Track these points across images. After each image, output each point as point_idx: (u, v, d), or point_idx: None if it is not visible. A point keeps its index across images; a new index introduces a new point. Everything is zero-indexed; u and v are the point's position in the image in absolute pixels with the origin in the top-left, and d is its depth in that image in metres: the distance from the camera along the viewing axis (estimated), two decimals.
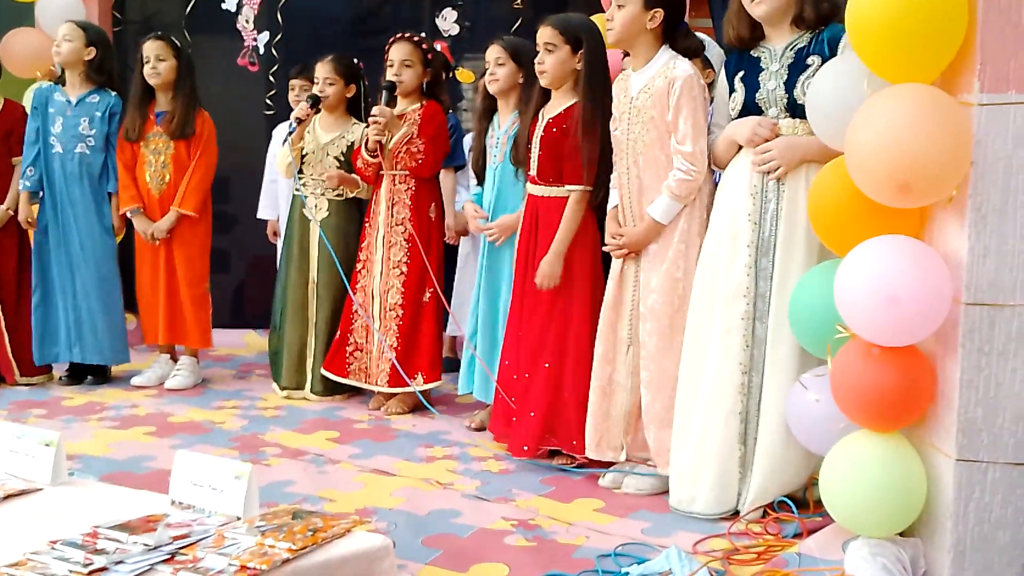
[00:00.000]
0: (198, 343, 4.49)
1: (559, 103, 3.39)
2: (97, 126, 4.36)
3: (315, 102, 4.11)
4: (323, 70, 4.17)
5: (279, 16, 5.43)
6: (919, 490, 2.27)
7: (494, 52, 3.71)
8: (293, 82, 4.87)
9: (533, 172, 3.42)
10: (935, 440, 2.28)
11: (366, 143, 3.95)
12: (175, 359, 4.55)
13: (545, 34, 3.34)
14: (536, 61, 3.37)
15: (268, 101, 5.45)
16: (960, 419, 2.18)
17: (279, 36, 5.44)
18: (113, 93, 4.43)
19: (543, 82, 3.38)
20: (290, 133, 4.09)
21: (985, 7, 2.07)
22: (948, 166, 2.08)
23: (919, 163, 2.05)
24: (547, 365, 3.34)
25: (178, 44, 4.38)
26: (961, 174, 2.11)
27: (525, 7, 5.50)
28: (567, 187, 3.33)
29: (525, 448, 3.31)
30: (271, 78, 5.45)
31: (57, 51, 4.35)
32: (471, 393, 3.89)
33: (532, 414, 3.32)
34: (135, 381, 4.43)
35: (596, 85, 3.30)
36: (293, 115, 4.10)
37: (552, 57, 3.32)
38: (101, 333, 4.39)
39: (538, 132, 3.40)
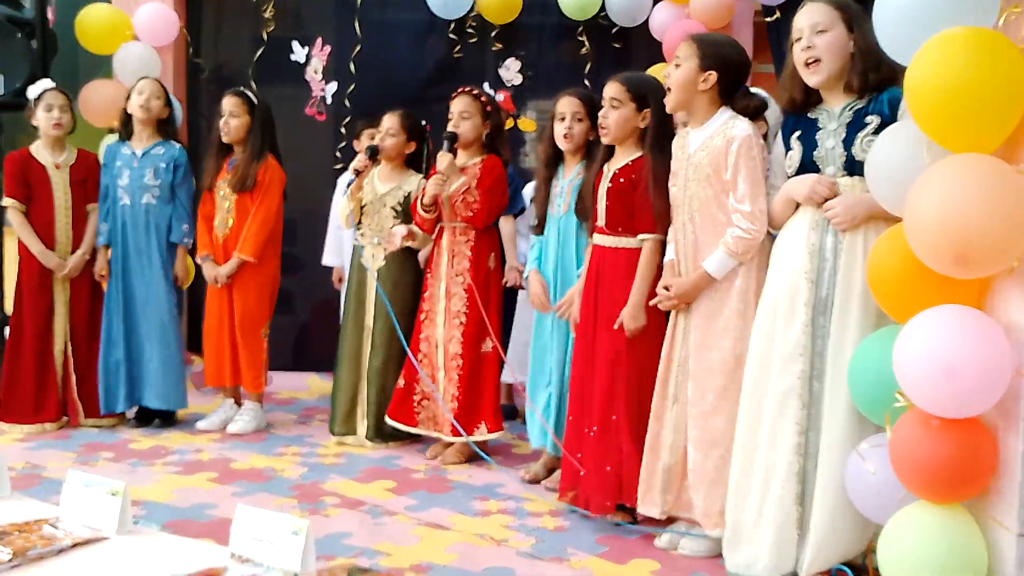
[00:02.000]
0: (250, 386, 4.58)
1: (624, 156, 3.41)
2: (162, 176, 4.53)
3: (373, 153, 4.21)
4: (388, 121, 4.29)
5: (352, 67, 5.57)
6: (980, 565, 2.21)
7: (571, 106, 3.71)
8: (363, 133, 5.00)
9: (601, 223, 3.44)
10: (996, 514, 2.23)
11: (422, 197, 4.02)
12: (239, 403, 4.65)
13: (612, 90, 3.38)
14: (600, 115, 3.40)
15: (337, 153, 5.58)
16: (1022, 493, 2.14)
17: (352, 87, 5.58)
18: (177, 145, 4.60)
19: (604, 138, 3.42)
20: (349, 184, 4.19)
21: None
22: (1008, 237, 2.05)
23: (978, 235, 2.03)
24: (614, 418, 3.32)
25: (254, 100, 4.52)
26: (1021, 246, 2.08)
27: (589, 55, 5.58)
28: (640, 236, 3.33)
29: (607, 504, 3.26)
30: (342, 129, 5.59)
31: (146, 108, 4.50)
32: (544, 447, 3.87)
33: (608, 468, 3.28)
34: (200, 425, 4.54)
35: (663, 140, 3.31)
36: (352, 166, 4.21)
37: (616, 113, 3.36)
38: (161, 379, 4.53)
39: (604, 184, 3.42)
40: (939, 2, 2.14)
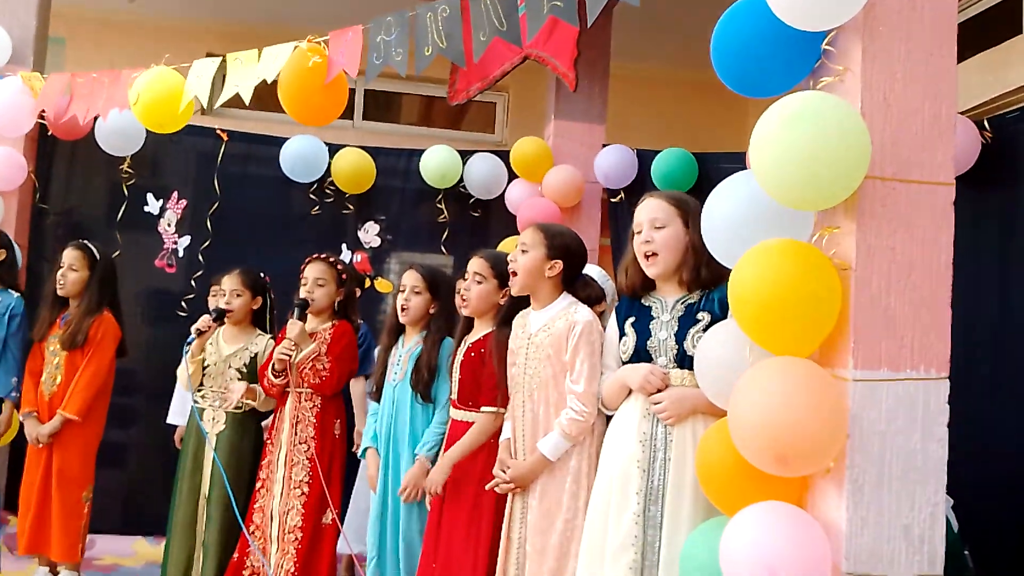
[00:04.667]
0: (61, 556, 4.26)
1: (479, 330, 3.47)
2: None
3: (220, 316, 4.13)
4: (230, 283, 4.21)
5: (208, 222, 5.52)
6: None
7: (411, 279, 3.79)
8: (214, 288, 4.90)
9: (454, 396, 3.46)
10: None
11: (273, 364, 3.94)
12: (55, 572, 4.32)
13: (476, 265, 3.46)
14: (463, 288, 3.47)
15: (183, 303, 5.45)
16: None
17: (206, 242, 5.51)
18: (15, 294, 4.41)
19: (463, 310, 3.47)
20: (189, 343, 4.07)
21: (857, 291, 2.20)
22: (825, 439, 2.15)
23: (796, 436, 2.11)
24: None
25: (96, 254, 4.40)
26: (838, 447, 2.18)
27: (448, 222, 5.70)
28: (483, 409, 3.35)
29: None
30: (192, 282, 5.48)
31: None
32: None
33: None
34: None
35: (512, 317, 3.38)
36: (194, 327, 4.08)
37: (479, 288, 3.44)
38: None
39: (459, 357, 3.45)
40: (760, 215, 2.30)
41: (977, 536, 3.54)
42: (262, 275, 4.39)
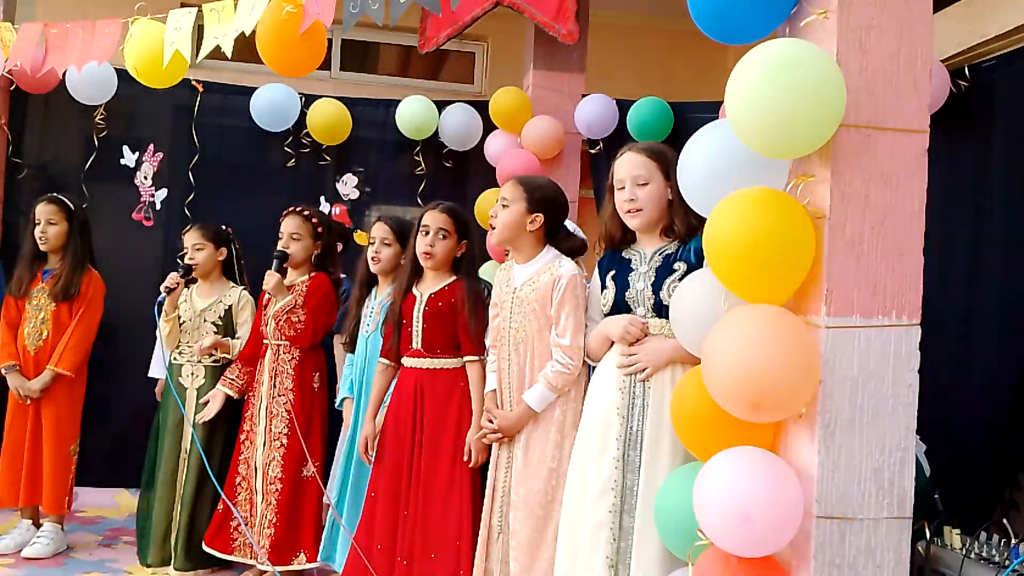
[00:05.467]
0: (51, 508, 4.29)
1: (437, 281, 3.49)
2: None
3: (186, 271, 4.11)
4: (190, 238, 4.20)
5: (190, 176, 5.47)
6: None
7: (380, 231, 3.81)
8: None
9: (416, 346, 3.46)
10: None
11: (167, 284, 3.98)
12: (38, 524, 4.34)
13: (441, 220, 3.46)
14: (426, 243, 3.46)
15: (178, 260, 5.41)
16: None
17: (191, 195, 5.46)
18: None
19: (429, 265, 3.48)
20: (161, 303, 4.05)
21: (830, 239, 2.21)
22: (797, 385, 2.17)
23: (769, 382, 2.14)
24: (433, 556, 3.28)
25: (71, 206, 4.37)
26: (810, 392, 2.21)
27: (426, 172, 5.68)
28: (466, 358, 3.38)
29: None
30: (182, 237, 5.43)
31: None
32: (329, 563, 3.76)
33: None
34: None
35: (474, 267, 3.49)
36: (163, 286, 4.07)
37: (445, 243, 3.44)
38: None
39: (419, 308, 3.46)
40: (734, 164, 2.31)
41: (948, 480, 3.60)
42: (223, 227, 4.37)
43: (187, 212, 5.43)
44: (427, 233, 3.47)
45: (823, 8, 2.25)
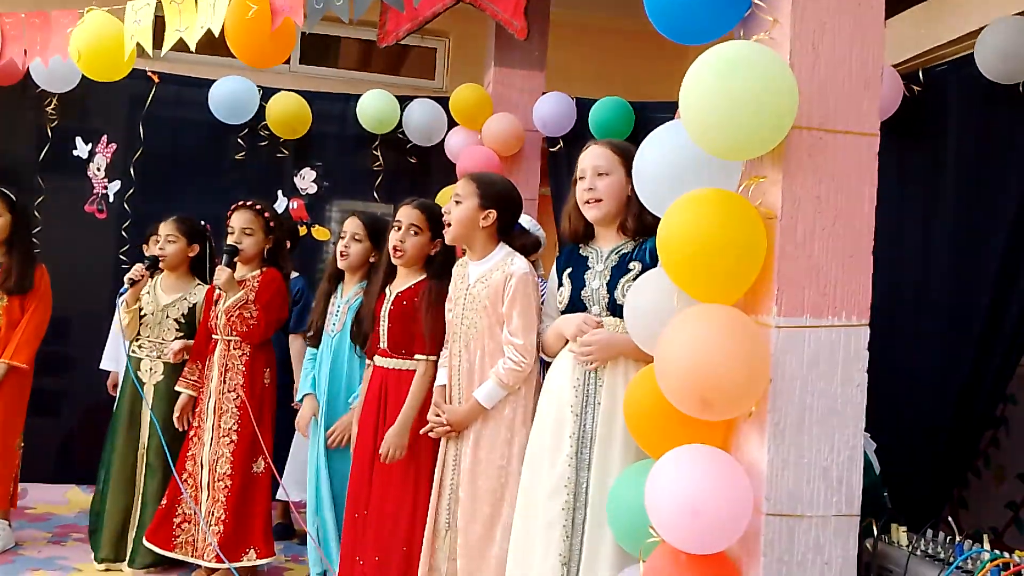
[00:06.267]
0: None
1: (406, 279, 3.47)
2: None
3: (153, 264, 4.06)
4: (165, 228, 4.15)
5: (131, 169, 5.39)
6: None
7: (352, 226, 3.76)
8: (153, 237, 4.80)
9: (383, 345, 3.45)
10: None
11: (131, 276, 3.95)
12: None
13: (413, 216, 3.44)
14: (397, 239, 3.44)
15: (122, 256, 5.33)
16: None
17: (131, 190, 5.39)
18: None
19: (399, 261, 3.45)
20: (122, 294, 4.00)
21: (782, 240, 2.24)
22: (747, 383, 2.19)
23: (720, 380, 2.16)
24: (404, 549, 3.27)
25: (13, 198, 4.30)
26: (759, 391, 2.23)
27: (384, 168, 5.65)
28: (416, 357, 3.36)
29: None
30: (124, 233, 5.37)
31: None
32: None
33: None
34: None
35: (446, 268, 3.42)
36: (127, 276, 4.01)
37: (416, 239, 3.43)
38: None
39: (386, 306, 3.45)
40: (688, 165, 2.32)
41: (896, 478, 3.66)
42: (202, 223, 4.32)
43: (125, 207, 5.35)
44: (399, 229, 3.46)
45: (775, 12, 2.27)
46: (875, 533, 3.01)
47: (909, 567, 2.86)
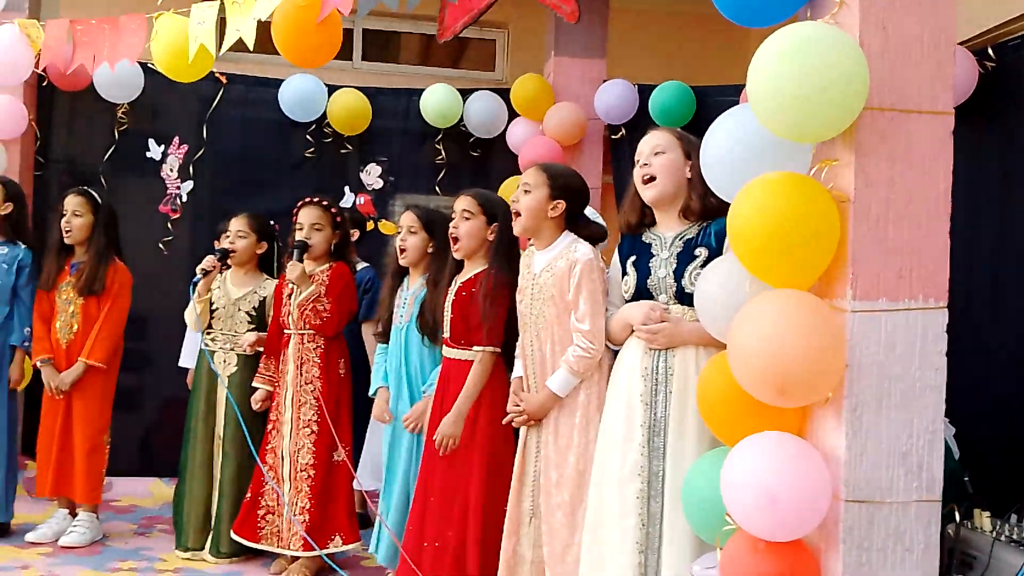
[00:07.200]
0: (84, 498, 4.35)
1: (470, 269, 3.50)
2: (3, 277, 4.34)
3: (223, 256, 4.15)
4: (236, 224, 4.24)
5: (191, 168, 5.51)
6: None
7: (407, 220, 3.81)
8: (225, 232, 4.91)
9: (447, 335, 3.49)
10: None
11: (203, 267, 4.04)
12: (74, 513, 4.41)
13: (464, 203, 3.47)
14: (452, 226, 3.48)
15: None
16: None
17: (203, 190, 5.51)
18: (23, 246, 4.44)
19: (456, 250, 3.48)
20: (195, 284, 4.09)
21: (855, 223, 2.21)
22: (823, 370, 2.17)
23: (795, 367, 2.14)
24: (451, 534, 3.32)
25: (98, 199, 4.42)
26: (836, 377, 2.21)
27: (447, 161, 5.69)
28: (474, 348, 3.39)
29: None
30: (196, 231, 5.49)
31: None
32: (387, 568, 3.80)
33: None
34: (29, 537, 4.30)
35: (505, 255, 3.43)
36: (199, 267, 4.10)
37: (468, 224, 3.45)
38: None
39: (450, 297, 3.48)
40: (758, 149, 2.30)
41: (977, 463, 3.59)
42: (272, 222, 4.41)
43: (198, 206, 5.46)
44: (453, 218, 3.50)
45: None
46: (957, 519, 2.96)
47: (993, 553, 2.81)
